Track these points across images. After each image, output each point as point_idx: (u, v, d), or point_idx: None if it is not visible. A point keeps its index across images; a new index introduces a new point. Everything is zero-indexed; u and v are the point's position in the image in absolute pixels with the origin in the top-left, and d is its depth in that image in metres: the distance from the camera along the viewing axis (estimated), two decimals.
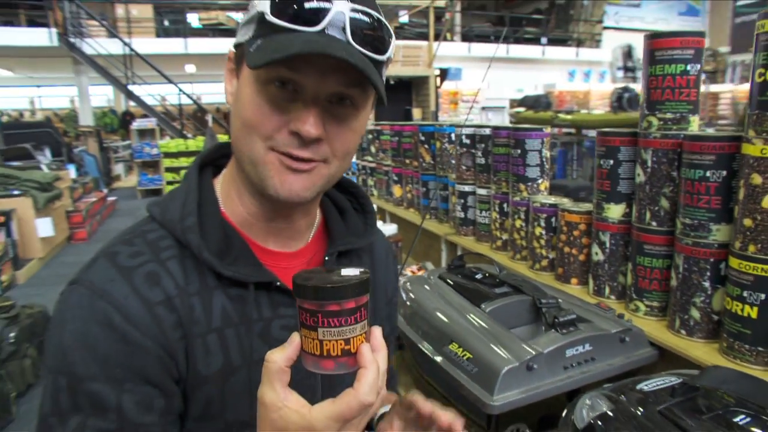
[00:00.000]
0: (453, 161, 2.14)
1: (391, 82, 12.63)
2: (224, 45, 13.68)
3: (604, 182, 1.35)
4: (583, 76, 16.48)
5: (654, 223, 1.23)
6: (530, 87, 14.84)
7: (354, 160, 3.75)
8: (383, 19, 0.67)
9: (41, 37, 11.34)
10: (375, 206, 1.70)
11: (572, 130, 8.11)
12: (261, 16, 0.64)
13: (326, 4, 0.62)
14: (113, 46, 11.56)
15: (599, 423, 0.82)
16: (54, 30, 11.26)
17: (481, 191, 1.95)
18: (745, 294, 1.02)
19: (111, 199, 9.98)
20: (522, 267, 1.69)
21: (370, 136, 3.19)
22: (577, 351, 1.10)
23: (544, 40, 16.70)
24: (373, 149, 3.17)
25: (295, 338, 0.58)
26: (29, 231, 6.23)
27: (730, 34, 17.19)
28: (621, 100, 7.42)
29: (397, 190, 2.81)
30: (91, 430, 0.65)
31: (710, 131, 0.96)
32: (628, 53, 16.92)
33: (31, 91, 19.04)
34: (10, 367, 3.77)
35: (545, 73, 16.15)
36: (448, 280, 1.45)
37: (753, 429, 0.75)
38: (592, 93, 10.81)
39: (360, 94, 0.68)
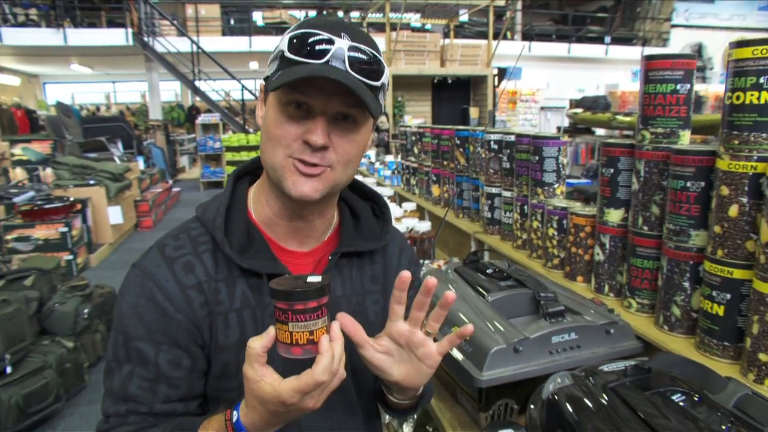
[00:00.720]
0: (483, 164, 2.28)
1: (449, 81, 12.73)
2: None
3: (606, 189, 1.47)
4: None
5: (645, 228, 1.35)
6: (592, 87, 14.59)
7: (398, 159, 3.93)
8: (378, 55, 0.86)
9: (118, 37, 12.11)
10: (415, 204, 1.81)
11: (630, 132, 7.98)
12: (281, 53, 0.84)
13: (330, 45, 0.82)
14: (182, 44, 12.21)
15: (558, 394, 0.96)
16: (129, 30, 11.98)
17: (506, 193, 2.08)
18: (714, 293, 1.13)
19: (175, 190, 10.55)
20: (537, 265, 1.82)
21: (414, 138, 3.35)
22: (563, 338, 1.24)
23: (607, 38, 16.34)
24: (416, 150, 3.33)
25: (271, 331, 0.75)
26: (102, 218, 6.74)
27: None
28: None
29: (435, 190, 2.97)
30: (137, 376, 0.88)
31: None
32: (698, 52, 16.28)
33: (107, 87, 20.26)
34: (83, 339, 4.17)
35: (608, 73, 15.81)
36: (461, 273, 1.61)
37: (685, 406, 0.88)
38: None
39: (359, 113, 0.87)
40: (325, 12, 15.72)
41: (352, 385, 1.02)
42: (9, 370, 3.39)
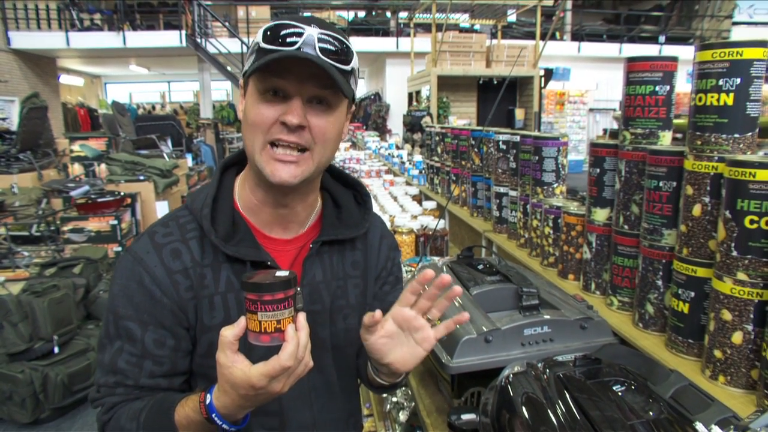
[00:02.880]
0: (493, 165, 2.32)
1: (494, 82, 12.63)
2: None
3: (593, 188, 1.49)
4: None
5: (626, 227, 1.37)
6: None
7: (421, 158, 3.99)
8: (346, 42, 0.94)
9: (173, 38, 12.61)
10: (436, 203, 1.87)
11: (678, 135, 7.76)
12: (257, 45, 0.92)
13: (300, 33, 0.90)
14: (233, 45, 12.59)
15: (509, 380, 1.02)
16: (183, 32, 12.45)
17: (513, 193, 2.12)
18: (680, 291, 1.15)
19: None
20: (535, 263, 1.85)
21: (437, 138, 3.40)
22: (535, 331, 1.28)
23: (662, 38, 15.82)
24: (439, 150, 3.38)
25: (242, 321, 0.83)
26: (150, 212, 7.05)
27: None
28: None
29: (455, 189, 3.01)
30: (126, 352, 0.97)
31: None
32: None
33: (163, 86, 21.09)
34: None
35: None
36: (453, 268, 1.66)
37: (623, 395, 0.92)
38: None
39: (333, 96, 0.94)
40: (373, 12, 15.85)
41: (332, 365, 1.10)
42: (56, 350, 3.64)
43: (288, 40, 0.89)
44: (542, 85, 12.57)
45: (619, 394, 0.92)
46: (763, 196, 0.96)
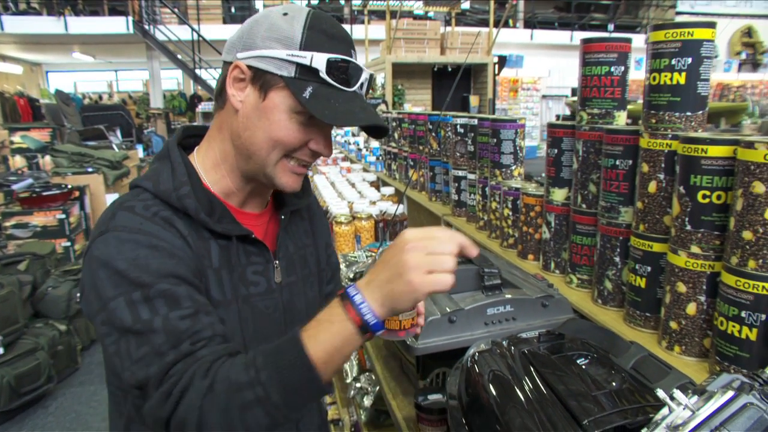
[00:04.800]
0: (451, 148, 2.33)
1: (449, 69, 12.70)
2: None
3: (551, 169, 1.52)
4: None
5: (584, 206, 1.40)
6: None
7: (378, 145, 3.98)
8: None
9: (119, 25, 12.14)
10: (393, 189, 1.86)
11: (629, 121, 8.01)
12: (311, 68, 0.87)
13: (360, 74, 0.91)
14: (183, 33, 12.23)
15: (475, 358, 1.02)
16: (130, 18, 12.01)
17: (471, 176, 2.13)
18: (637, 267, 1.18)
19: None
20: (495, 244, 1.87)
21: (394, 124, 3.40)
22: (498, 310, 1.29)
23: (611, 26, 16.22)
24: (396, 136, 3.37)
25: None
26: (100, 206, 6.81)
27: None
28: None
29: (413, 174, 3.01)
30: (176, 318, 0.79)
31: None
32: None
33: (110, 75, 20.33)
34: (77, 323, 4.26)
35: None
36: None
37: (588, 368, 0.94)
38: None
39: None
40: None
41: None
42: (1, 351, 3.49)
43: (352, 78, 0.90)
44: (496, 72, 12.71)
45: (583, 367, 0.94)
46: (714, 171, 0.99)
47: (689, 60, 1.06)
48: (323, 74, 0.87)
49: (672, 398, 0.68)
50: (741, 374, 0.68)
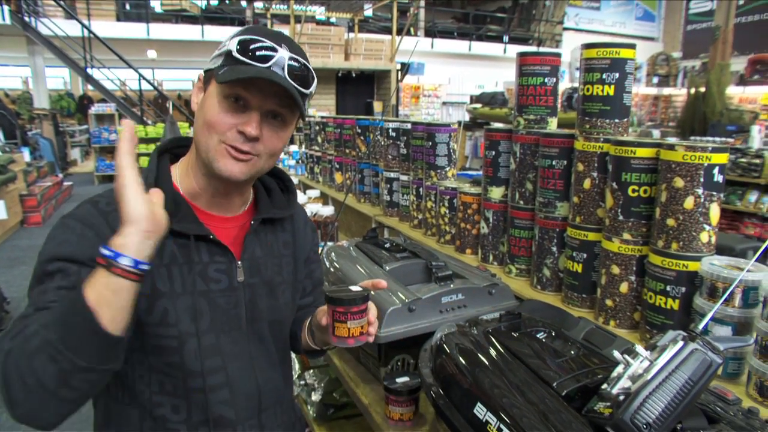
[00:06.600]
0: (382, 151, 2.43)
1: (353, 75, 12.88)
2: (187, 31, 13.62)
3: (489, 169, 1.66)
4: None
5: (522, 202, 1.54)
6: (491, 84, 15.28)
7: (303, 150, 4.02)
8: (310, 67, 1.01)
9: None
10: (319, 191, 1.91)
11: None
12: (229, 52, 0.96)
13: (274, 52, 0.96)
14: (71, 28, 11.43)
15: (444, 339, 1.12)
16: (6, 8, 11.01)
17: (403, 177, 2.25)
18: (574, 254, 1.34)
19: (67, 184, 9.92)
20: (431, 241, 2.00)
21: (317, 128, 3.45)
22: (451, 299, 1.40)
23: (506, 38, 17.17)
24: (319, 140, 3.43)
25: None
26: None
27: (682, 40, 18.05)
28: (570, 100, 7.82)
29: (338, 177, 3.09)
30: (55, 287, 0.89)
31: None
32: None
33: None
34: None
35: (507, 71, 16.55)
36: (362, 248, 1.74)
37: (546, 341, 1.07)
38: None
39: (288, 113, 1.01)
40: (228, 1, 15.33)
41: (270, 336, 1.14)
42: None
43: (258, 54, 0.94)
44: (399, 78, 13.05)
45: (543, 340, 1.07)
46: (641, 169, 1.16)
47: (617, 75, 1.23)
48: (234, 53, 0.95)
49: (631, 354, 0.81)
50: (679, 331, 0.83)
